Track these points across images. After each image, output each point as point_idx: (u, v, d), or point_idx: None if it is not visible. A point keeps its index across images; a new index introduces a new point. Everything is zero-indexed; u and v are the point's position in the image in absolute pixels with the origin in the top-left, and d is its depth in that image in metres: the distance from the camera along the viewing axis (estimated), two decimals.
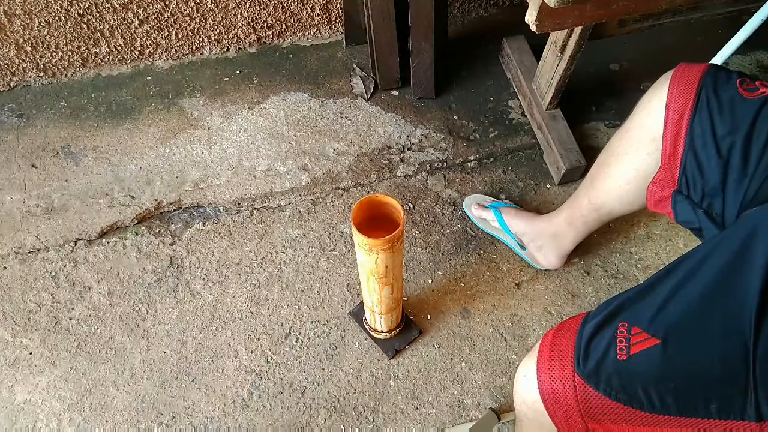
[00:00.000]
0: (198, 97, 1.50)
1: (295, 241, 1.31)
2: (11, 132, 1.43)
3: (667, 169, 0.81)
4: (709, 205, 0.77)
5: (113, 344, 1.19)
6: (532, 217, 1.24)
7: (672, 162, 0.80)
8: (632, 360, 0.60)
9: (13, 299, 1.23)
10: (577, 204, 1.09)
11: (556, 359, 0.65)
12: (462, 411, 1.13)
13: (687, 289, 0.62)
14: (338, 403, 1.14)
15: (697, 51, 1.50)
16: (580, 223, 1.11)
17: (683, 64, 0.82)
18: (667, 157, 0.80)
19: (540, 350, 0.67)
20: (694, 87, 0.77)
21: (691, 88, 0.77)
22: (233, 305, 1.23)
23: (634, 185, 0.92)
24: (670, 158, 0.80)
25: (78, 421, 1.11)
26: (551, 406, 0.65)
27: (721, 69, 0.78)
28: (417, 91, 1.49)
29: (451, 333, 1.21)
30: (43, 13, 1.34)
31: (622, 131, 0.93)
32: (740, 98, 0.74)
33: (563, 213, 1.15)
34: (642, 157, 0.87)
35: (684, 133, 0.77)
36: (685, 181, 0.79)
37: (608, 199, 1.00)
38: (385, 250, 0.81)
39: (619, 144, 0.93)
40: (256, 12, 1.50)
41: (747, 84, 0.75)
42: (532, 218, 1.23)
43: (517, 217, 1.24)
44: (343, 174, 1.39)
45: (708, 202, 0.77)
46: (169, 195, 1.35)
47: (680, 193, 0.80)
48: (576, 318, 0.68)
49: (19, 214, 1.32)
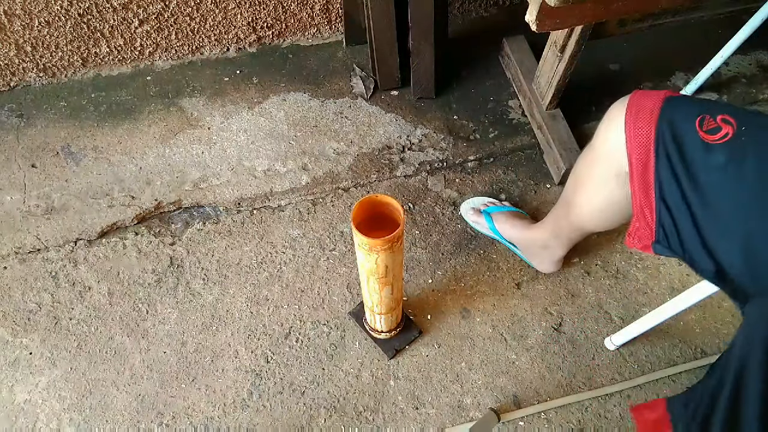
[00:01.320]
0: (198, 97, 1.50)
1: (295, 241, 1.31)
2: (11, 132, 1.43)
3: (640, 219, 0.77)
4: (692, 259, 0.73)
5: (113, 344, 1.19)
6: (522, 226, 1.23)
7: (644, 213, 0.76)
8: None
9: (13, 299, 1.23)
10: (558, 223, 1.09)
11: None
12: (462, 411, 1.13)
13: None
14: (338, 403, 1.14)
15: (697, 51, 1.50)
16: (565, 238, 1.11)
17: (637, 92, 0.77)
18: (638, 207, 0.76)
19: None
20: (651, 128, 0.72)
21: (648, 128, 0.73)
22: (233, 305, 1.23)
23: (611, 212, 0.90)
24: (642, 209, 0.76)
25: (78, 421, 1.11)
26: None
27: (678, 102, 0.73)
28: (417, 91, 1.49)
29: (451, 333, 1.21)
30: (43, 13, 1.34)
31: (587, 159, 0.89)
32: (702, 146, 0.69)
33: (548, 227, 1.14)
34: (612, 190, 0.85)
35: (652, 184, 0.73)
36: (663, 232, 0.75)
37: (587, 222, 0.98)
38: (385, 250, 0.81)
39: (587, 172, 0.90)
40: (256, 12, 1.50)
41: (707, 123, 0.69)
42: (523, 228, 1.23)
43: (508, 224, 1.25)
44: (343, 174, 1.39)
45: (689, 256, 0.74)
46: (169, 195, 1.35)
47: (659, 243, 0.76)
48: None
49: (19, 214, 1.32)
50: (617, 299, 1.26)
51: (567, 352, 1.20)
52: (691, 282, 1.26)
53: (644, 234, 0.77)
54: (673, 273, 1.29)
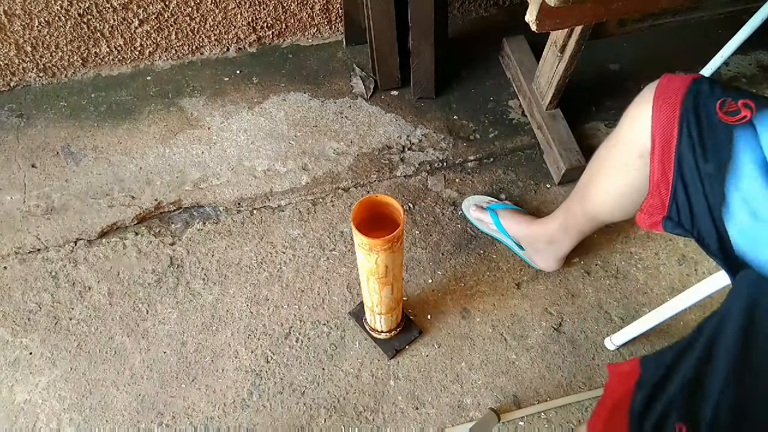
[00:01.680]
0: (198, 97, 1.50)
1: (295, 241, 1.31)
2: (11, 132, 1.43)
3: (655, 196, 0.78)
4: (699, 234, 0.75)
5: (113, 344, 1.19)
6: (528, 221, 1.23)
7: (660, 189, 0.77)
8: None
9: (13, 299, 1.23)
10: (572, 212, 1.08)
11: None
12: (462, 411, 1.13)
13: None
14: (338, 403, 1.14)
15: (697, 51, 1.50)
16: (575, 230, 1.11)
17: (666, 76, 0.79)
18: (655, 184, 0.78)
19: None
20: (677, 107, 0.74)
21: (674, 108, 0.75)
22: (233, 305, 1.23)
23: (627, 198, 0.90)
24: (658, 185, 0.77)
25: (78, 421, 1.11)
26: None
27: (703, 84, 0.75)
28: (417, 91, 1.49)
29: (451, 333, 1.21)
30: (43, 13, 1.34)
31: (610, 143, 0.91)
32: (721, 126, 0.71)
33: (557, 219, 1.14)
34: (632, 174, 0.86)
35: (672, 160, 0.75)
36: (676, 208, 0.76)
37: (602, 211, 0.98)
38: (385, 250, 0.81)
39: (608, 156, 0.91)
40: (256, 12, 1.50)
41: (728, 106, 0.71)
42: (529, 223, 1.23)
43: (513, 220, 1.24)
44: (343, 174, 1.39)
45: (697, 231, 0.75)
46: (169, 195, 1.35)
47: (670, 219, 0.78)
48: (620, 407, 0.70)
49: (19, 214, 1.32)
50: (617, 299, 1.26)
51: (567, 352, 1.20)
52: (691, 282, 1.26)
53: (656, 210, 0.79)
54: (673, 273, 1.29)
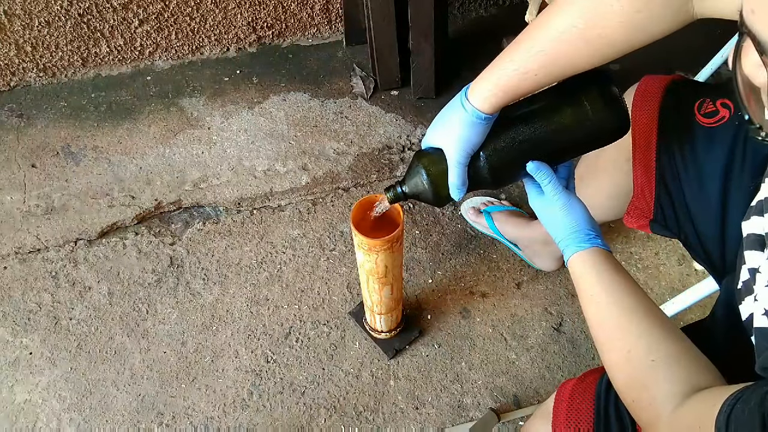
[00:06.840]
0: (198, 97, 1.50)
1: (295, 241, 1.31)
2: (11, 132, 1.43)
3: (640, 199, 0.78)
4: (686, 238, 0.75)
5: (113, 344, 1.19)
6: (523, 223, 1.23)
7: (645, 193, 0.77)
8: None
9: (13, 299, 1.23)
10: None
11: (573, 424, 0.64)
12: (462, 411, 1.13)
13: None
14: (338, 403, 1.14)
15: (697, 51, 1.50)
16: None
17: (646, 78, 0.78)
18: (639, 187, 0.78)
19: (555, 412, 0.66)
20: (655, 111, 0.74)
21: (652, 112, 0.74)
22: (233, 305, 1.23)
23: (618, 200, 0.90)
24: (642, 189, 0.77)
25: (78, 421, 1.11)
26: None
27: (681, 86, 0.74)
28: (417, 91, 1.49)
29: (451, 333, 1.21)
30: (43, 13, 1.34)
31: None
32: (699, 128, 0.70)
33: None
34: (620, 176, 0.85)
35: (653, 167, 0.74)
36: (661, 212, 0.76)
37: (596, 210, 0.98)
38: (384, 250, 0.81)
39: (597, 159, 0.91)
40: (256, 12, 1.50)
41: (706, 107, 0.71)
42: (523, 225, 1.23)
43: (508, 223, 1.25)
44: (343, 174, 1.39)
45: (684, 235, 0.75)
46: (169, 195, 1.35)
47: (656, 222, 0.78)
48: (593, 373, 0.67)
49: (19, 214, 1.32)
50: None
51: (567, 352, 1.20)
52: (691, 282, 1.26)
53: (642, 213, 0.78)
54: (673, 273, 1.29)
